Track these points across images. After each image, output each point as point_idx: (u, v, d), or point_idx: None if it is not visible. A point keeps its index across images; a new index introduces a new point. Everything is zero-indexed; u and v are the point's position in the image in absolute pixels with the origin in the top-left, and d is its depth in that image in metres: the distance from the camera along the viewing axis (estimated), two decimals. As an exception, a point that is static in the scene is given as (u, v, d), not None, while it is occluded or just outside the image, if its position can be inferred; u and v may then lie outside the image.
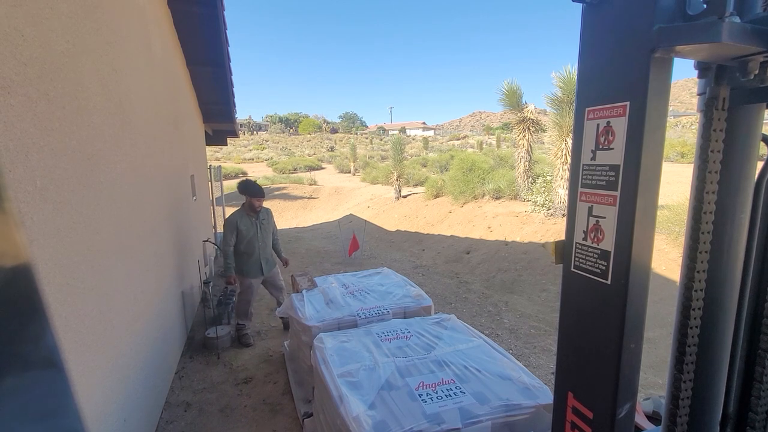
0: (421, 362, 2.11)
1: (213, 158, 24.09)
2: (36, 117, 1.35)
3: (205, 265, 5.20)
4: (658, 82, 0.80)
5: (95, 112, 1.87)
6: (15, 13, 1.25)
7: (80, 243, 1.63)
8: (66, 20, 1.60)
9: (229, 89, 5.64)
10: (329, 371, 2.02)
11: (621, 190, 0.87)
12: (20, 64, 1.27)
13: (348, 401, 1.75)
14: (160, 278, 3.01)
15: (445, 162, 15.70)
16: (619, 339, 0.90)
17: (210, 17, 4.09)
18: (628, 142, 0.84)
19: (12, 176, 1.20)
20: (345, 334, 2.45)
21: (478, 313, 4.40)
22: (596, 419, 0.98)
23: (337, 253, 7.16)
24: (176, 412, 2.78)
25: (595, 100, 0.91)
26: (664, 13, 0.77)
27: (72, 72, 1.64)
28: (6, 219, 0.26)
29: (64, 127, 1.55)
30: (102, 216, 1.89)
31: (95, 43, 1.92)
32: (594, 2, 0.89)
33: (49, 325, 0.29)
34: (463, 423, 1.64)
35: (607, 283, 0.92)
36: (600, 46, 0.90)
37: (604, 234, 0.92)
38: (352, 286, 3.34)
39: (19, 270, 0.26)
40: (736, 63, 0.80)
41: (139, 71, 2.74)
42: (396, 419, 1.64)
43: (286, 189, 16.74)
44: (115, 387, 1.91)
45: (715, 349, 0.99)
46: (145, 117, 2.82)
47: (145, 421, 2.36)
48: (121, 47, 2.35)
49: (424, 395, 1.81)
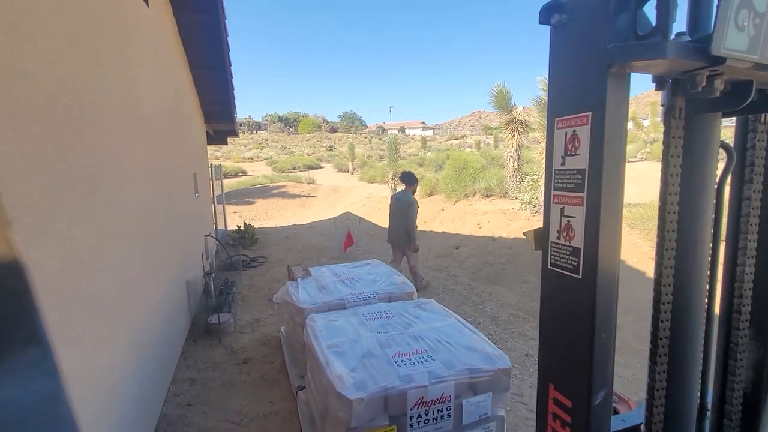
0: (400, 337, 2.40)
1: (213, 157, 24.31)
2: (74, 124, 1.64)
3: (207, 259, 5.49)
4: (615, 94, 0.87)
5: (116, 118, 2.16)
6: (60, 40, 1.54)
7: (107, 229, 1.92)
8: (93, 41, 1.89)
9: (229, 91, 5.92)
10: (318, 344, 2.31)
11: (587, 191, 0.93)
12: (60, 79, 1.56)
13: (333, 365, 2.04)
14: (167, 267, 3.30)
15: (442, 161, 15.95)
16: (591, 329, 0.94)
17: (212, 25, 4.38)
18: (592, 148, 0.91)
19: (59, 170, 1.49)
20: (334, 315, 2.74)
21: (464, 303, 4.70)
22: (574, 408, 1.02)
23: (333, 249, 7.45)
24: (182, 387, 3.07)
25: (563, 110, 0.98)
26: (618, 33, 0.84)
27: (98, 85, 1.93)
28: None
29: (94, 131, 1.84)
30: (121, 206, 2.18)
31: (115, 57, 2.21)
32: (558, 24, 0.97)
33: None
34: (430, 382, 1.93)
35: (578, 277, 0.97)
36: (565, 63, 0.98)
37: (575, 232, 0.97)
38: (343, 275, 3.63)
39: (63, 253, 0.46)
40: (686, 77, 0.87)
41: (148, 78, 3.03)
42: (373, 378, 1.93)
43: (285, 188, 17.02)
44: (133, 354, 2.21)
45: (686, 341, 1.05)
46: (153, 119, 3.11)
47: (155, 389, 2.65)
48: (135, 58, 2.64)
49: (399, 362, 2.10)
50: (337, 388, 1.86)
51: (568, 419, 1.04)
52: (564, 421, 1.06)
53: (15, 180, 1.20)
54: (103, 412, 1.77)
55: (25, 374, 0.24)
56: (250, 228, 8.46)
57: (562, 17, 0.94)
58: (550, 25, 0.98)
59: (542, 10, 0.97)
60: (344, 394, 1.81)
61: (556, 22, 0.96)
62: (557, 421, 1.08)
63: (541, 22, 0.99)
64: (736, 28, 0.75)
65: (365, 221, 9.36)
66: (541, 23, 0.99)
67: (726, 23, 0.73)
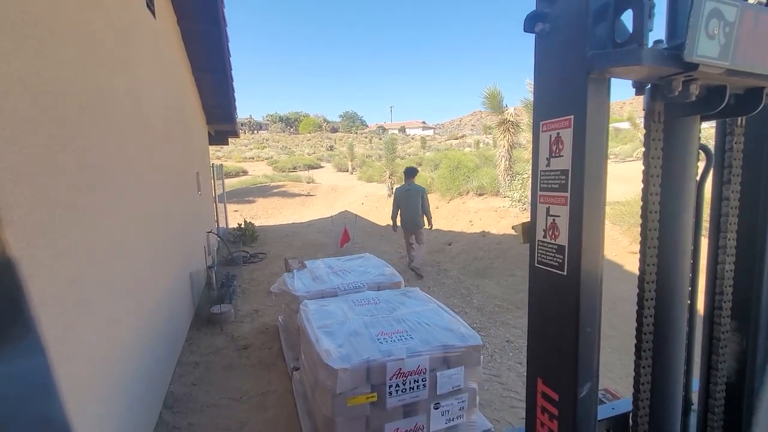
0: (384, 319, 2.65)
1: (215, 157, 24.57)
2: (97, 128, 1.90)
3: (208, 254, 5.75)
4: (596, 98, 0.91)
5: (126, 122, 2.42)
6: (83, 56, 1.80)
7: (119, 221, 2.18)
8: (107, 53, 2.15)
9: (230, 94, 6.18)
10: (310, 325, 2.56)
11: (570, 190, 0.96)
12: (89, 90, 1.82)
13: (322, 341, 2.29)
14: (172, 259, 3.56)
15: (439, 161, 16.17)
16: (576, 324, 0.97)
17: (214, 33, 4.64)
18: (574, 150, 0.94)
19: (79, 169, 1.75)
20: (325, 301, 2.99)
21: (452, 295, 4.95)
22: (561, 400, 1.05)
23: (330, 246, 7.70)
24: (187, 369, 3.33)
25: (547, 114, 1.02)
26: (597, 41, 0.89)
27: (110, 90, 2.19)
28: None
29: (106, 134, 2.10)
30: (129, 202, 2.44)
31: (127, 67, 2.47)
32: (542, 33, 1.00)
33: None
34: (407, 355, 2.19)
35: (563, 274, 0.99)
36: (549, 69, 1.02)
37: (560, 230, 1.01)
38: (336, 267, 3.89)
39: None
40: (663, 82, 0.91)
41: (154, 82, 3.29)
42: (357, 352, 2.19)
43: (285, 187, 17.29)
44: (144, 331, 2.47)
45: (670, 336, 1.08)
46: (159, 121, 3.37)
47: (163, 369, 2.91)
48: (143, 66, 2.90)
49: (381, 339, 2.35)
50: (324, 359, 2.11)
51: (556, 412, 1.07)
52: (551, 414, 1.08)
53: (49, 175, 1.46)
54: (118, 386, 2.03)
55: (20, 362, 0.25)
56: (250, 226, 8.72)
57: (546, 26, 0.99)
58: (534, 33, 1.02)
59: (527, 18, 1.02)
60: (331, 364, 2.07)
61: (539, 31, 1.00)
62: (545, 414, 1.10)
63: (525, 30, 1.03)
64: (707, 36, 0.79)
65: (362, 219, 9.62)
66: (525, 31, 1.03)
67: (697, 31, 0.77)
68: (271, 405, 2.85)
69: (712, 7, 0.78)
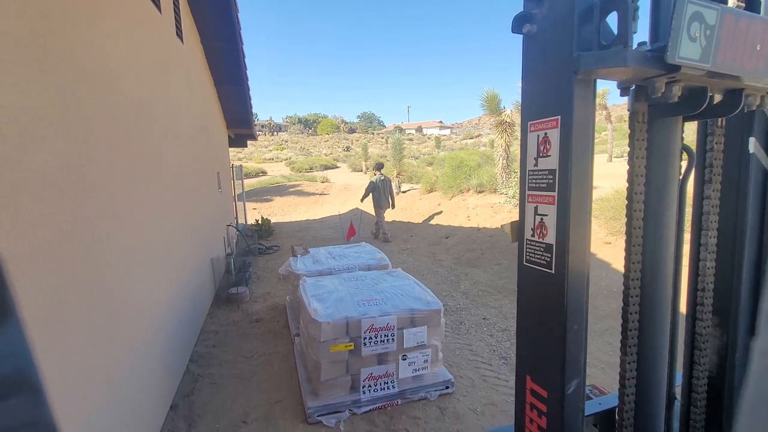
0: (366, 291, 3.22)
1: (236, 158, 25.68)
2: (141, 138, 2.54)
3: (227, 245, 6.45)
4: (582, 98, 0.91)
5: (160, 130, 3.08)
6: (136, 81, 2.45)
7: (157, 210, 2.84)
8: (154, 82, 2.80)
9: (247, 102, 6.89)
10: (306, 294, 3.16)
11: (558, 189, 0.97)
12: (131, 108, 2.47)
13: (313, 304, 2.89)
14: (196, 243, 4.24)
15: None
16: (563, 321, 0.98)
17: (232, 50, 5.32)
18: (561, 150, 0.94)
19: (134, 172, 2.40)
20: (321, 278, 3.59)
21: (443, 282, 5.47)
22: (549, 397, 1.06)
23: (340, 240, 8.33)
24: (208, 336, 3.99)
25: (535, 114, 1.02)
26: (583, 43, 0.89)
27: (149, 108, 2.85)
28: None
29: (151, 141, 2.75)
30: (165, 198, 3.10)
31: (165, 89, 3.13)
32: (529, 34, 1.01)
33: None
34: (379, 314, 2.75)
35: (551, 272, 1.00)
36: (536, 70, 1.02)
37: (547, 229, 1.01)
38: (335, 253, 4.49)
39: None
40: (646, 83, 0.91)
41: (183, 98, 3.96)
42: (339, 311, 2.77)
43: (301, 186, 18.08)
44: (174, 300, 3.13)
45: (654, 332, 1.09)
46: (186, 130, 4.05)
47: (189, 334, 3.57)
48: (175, 86, 3.57)
49: (361, 304, 2.92)
50: (312, 316, 2.70)
51: (544, 408, 1.07)
52: (540, 410, 1.09)
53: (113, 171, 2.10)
54: (156, 335, 2.67)
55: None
56: (266, 222, 9.46)
57: (532, 27, 1.00)
58: (522, 34, 1.03)
59: (514, 19, 1.03)
60: (317, 319, 2.66)
61: (527, 32, 1.01)
62: (534, 411, 1.11)
63: (513, 30, 1.04)
64: (689, 39, 0.80)
65: (368, 215, 10.21)
66: (513, 32, 1.04)
67: (679, 34, 0.78)
68: (276, 362, 3.46)
69: (694, 10, 0.79)
